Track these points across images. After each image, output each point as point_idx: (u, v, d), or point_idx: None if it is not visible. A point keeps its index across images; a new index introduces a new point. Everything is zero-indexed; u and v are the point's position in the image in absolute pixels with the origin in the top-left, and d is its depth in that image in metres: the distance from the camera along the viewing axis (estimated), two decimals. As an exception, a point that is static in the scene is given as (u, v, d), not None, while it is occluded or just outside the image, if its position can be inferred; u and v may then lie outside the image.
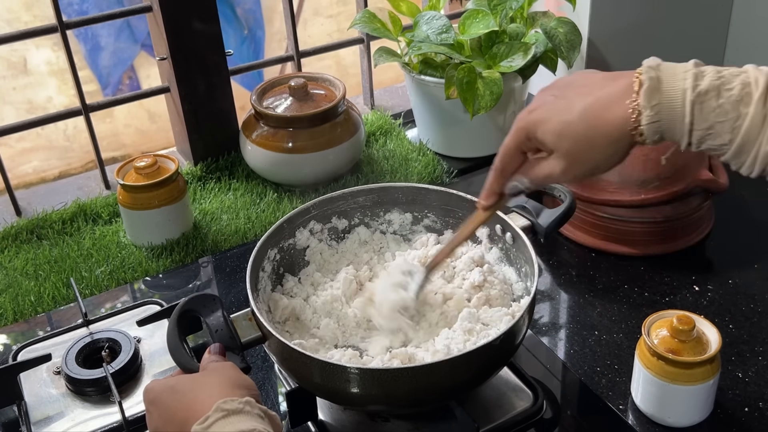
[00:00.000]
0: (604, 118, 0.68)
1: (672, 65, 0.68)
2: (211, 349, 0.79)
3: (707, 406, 0.89)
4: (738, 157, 0.66)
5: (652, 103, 0.66)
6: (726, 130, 0.65)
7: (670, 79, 0.66)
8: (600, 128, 0.68)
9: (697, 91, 0.65)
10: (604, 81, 0.70)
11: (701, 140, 0.66)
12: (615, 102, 0.68)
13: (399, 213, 1.05)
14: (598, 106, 0.68)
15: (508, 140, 0.75)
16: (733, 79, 0.65)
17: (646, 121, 0.66)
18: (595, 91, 0.70)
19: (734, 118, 0.64)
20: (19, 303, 1.11)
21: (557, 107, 0.71)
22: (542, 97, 0.74)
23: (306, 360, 0.80)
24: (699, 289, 1.09)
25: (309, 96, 1.31)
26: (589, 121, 0.68)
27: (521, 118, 0.74)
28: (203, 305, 0.84)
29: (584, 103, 0.69)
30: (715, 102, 0.65)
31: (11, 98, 2.53)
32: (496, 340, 0.80)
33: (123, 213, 1.21)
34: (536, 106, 0.73)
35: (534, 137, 0.73)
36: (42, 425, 0.92)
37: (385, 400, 0.82)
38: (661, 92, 0.66)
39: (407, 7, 1.36)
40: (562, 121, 0.70)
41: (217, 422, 0.64)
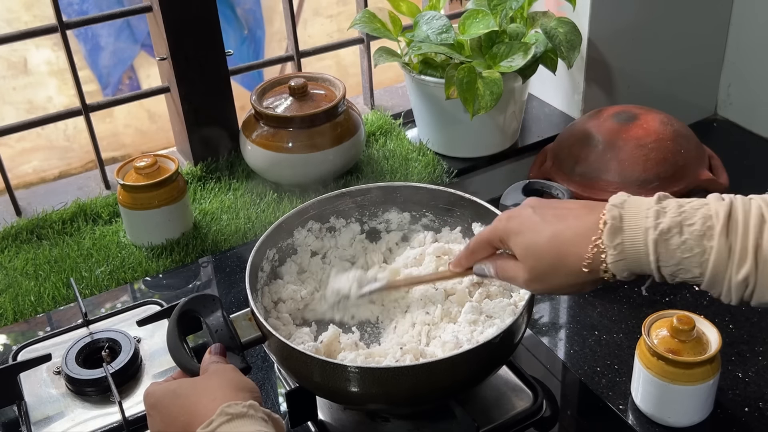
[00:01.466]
0: (569, 251, 0.70)
1: (637, 202, 0.69)
2: (211, 349, 0.79)
3: (707, 406, 0.89)
4: (713, 287, 0.67)
5: (615, 243, 0.68)
6: (694, 265, 0.66)
7: (632, 218, 0.68)
8: (564, 260, 0.71)
9: (659, 230, 0.66)
10: (579, 210, 0.73)
11: (674, 275, 0.67)
12: (581, 237, 0.70)
13: (397, 212, 1.05)
14: (566, 237, 0.71)
15: (485, 233, 0.80)
16: (695, 213, 0.66)
17: (611, 260, 0.68)
18: (568, 218, 0.72)
19: (700, 253, 0.65)
20: (19, 303, 1.11)
21: (531, 223, 0.74)
22: (523, 209, 0.77)
23: (305, 359, 0.80)
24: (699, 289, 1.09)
25: (309, 96, 1.31)
26: (554, 250, 0.71)
27: (501, 219, 0.78)
28: (203, 305, 0.84)
29: (555, 228, 0.72)
30: (678, 239, 0.66)
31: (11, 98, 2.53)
32: (496, 338, 0.80)
33: (123, 213, 1.21)
34: (515, 215, 0.76)
35: (506, 243, 0.76)
36: (42, 425, 0.92)
37: (384, 398, 0.82)
38: (623, 232, 0.68)
39: (407, 7, 1.36)
40: (532, 240, 0.73)
41: (221, 426, 0.64)
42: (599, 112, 1.26)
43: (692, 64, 1.51)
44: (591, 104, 1.46)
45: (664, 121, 1.19)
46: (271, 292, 0.97)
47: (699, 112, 1.58)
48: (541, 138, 1.46)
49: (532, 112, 1.53)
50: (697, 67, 1.52)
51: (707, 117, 1.58)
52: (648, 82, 1.49)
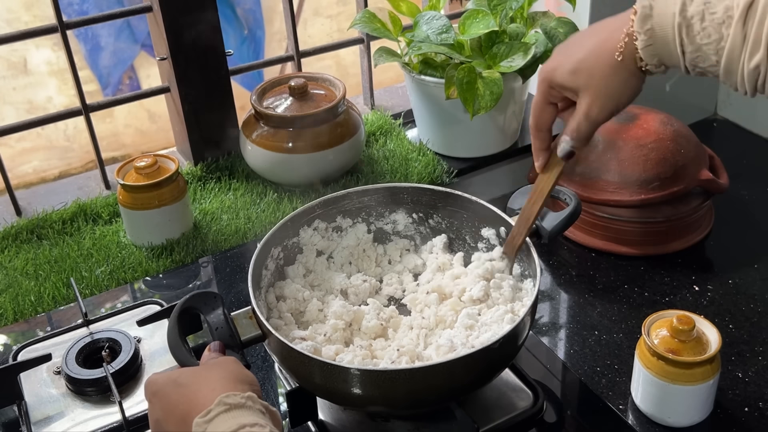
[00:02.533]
0: (607, 47, 0.74)
1: None
2: (211, 346, 0.80)
3: (707, 406, 0.89)
4: (728, 76, 0.69)
5: (645, 28, 0.71)
6: (711, 52, 0.69)
7: (661, 5, 0.71)
8: (606, 56, 0.74)
9: (683, 15, 0.69)
10: (605, 23, 0.77)
11: (694, 63, 0.70)
12: (615, 32, 0.74)
13: (404, 213, 1.05)
14: (602, 39, 0.75)
15: (536, 96, 0.82)
16: (719, 3, 0.68)
17: (642, 45, 0.72)
18: (599, 30, 0.76)
19: (717, 40, 0.68)
20: (19, 303, 1.11)
21: (569, 52, 0.78)
22: (557, 49, 0.82)
23: (305, 360, 0.80)
24: (699, 289, 1.09)
25: (309, 96, 1.31)
26: (596, 53, 0.75)
27: (541, 70, 0.81)
28: (204, 303, 0.84)
29: (591, 41, 0.76)
30: (699, 25, 0.68)
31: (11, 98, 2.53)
32: (495, 343, 0.79)
33: (123, 213, 1.21)
34: (552, 58, 0.81)
35: (555, 83, 0.79)
36: (42, 425, 0.92)
37: (382, 401, 0.82)
38: (652, 17, 0.71)
39: (407, 7, 1.36)
40: (574, 60, 0.77)
41: (219, 416, 0.65)
42: (599, 112, 1.26)
43: (692, 64, 1.51)
44: (591, 104, 1.46)
45: (664, 121, 1.19)
46: (274, 291, 0.96)
47: (699, 112, 1.57)
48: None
49: (532, 112, 1.53)
50: (697, 67, 1.52)
51: (707, 117, 1.58)
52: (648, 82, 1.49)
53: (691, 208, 1.16)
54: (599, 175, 1.16)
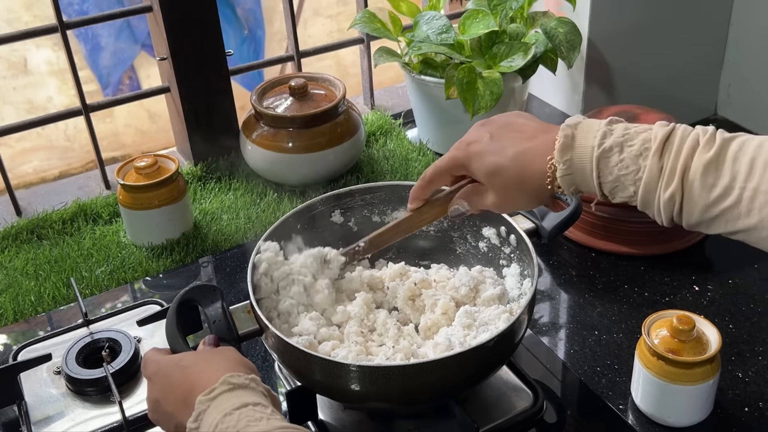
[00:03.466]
0: (529, 169, 0.75)
1: (589, 123, 0.73)
2: (206, 340, 0.81)
3: (707, 406, 0.89)
4: (645, 207, 0.71)
5: (564, 158, 0.72)
6: (629, 183, 0.70)
7: (582, 137, 0.72)
8: (526, 177, 0.75)
9: (602, 148, 0.71)
10: (535, 132, 0.77)
11: (612, 192, 0.72)
12: (539, 155, 0.74)
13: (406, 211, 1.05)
14: (526, 156, 0.75)
15: (443, 163, 0.82)
16: (637, 136, 0.70)
17: (560, 174, 0.73)
18: (526, 141, 0.76)
19: (635, 171, 0.70)
20: (20, 303, 1.11)
21: (492, 147, 0.77)
22: (479, 133, 0.80)
23: (300, 355, 0.80)
24: (699, 289, 1.09)
25: (309, 96, 1.31)
26: (518, 168, 0.76)
27: (459, 148, 0.80)
28: (203, 295, 0.85)
29: (515, 150, 0.76)
30: (617, 157, 0.70)
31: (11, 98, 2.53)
32: (489, 342, 0.79)
33: (123, 213, 1.21)
34: (473, 140, 0.79)
35: (468, 169, 0.80)
36: (42, 425, 0.92)
37: (377, 397, 0.82)
38: (573, 149, 0.72)
39: (407, 7, 1.36)
40: (495, 162, 0.77)
41: (222, 394, 0.66)
42: (599, 112, 1.26)
43: (692, 64, 1.51)
44: (591, 104, 1.46)
45: (664, 121, 1.19)
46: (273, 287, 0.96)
47: (699, 112, 1.58)
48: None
49: (532, 112, 1.53)
50: (697, 67, 1.52)
51: (707, 117, 1.58)
52: (648, 82, 1.49)
53: (691, 208, 1.16)
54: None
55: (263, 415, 0.64)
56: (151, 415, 0.75)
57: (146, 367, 0.77)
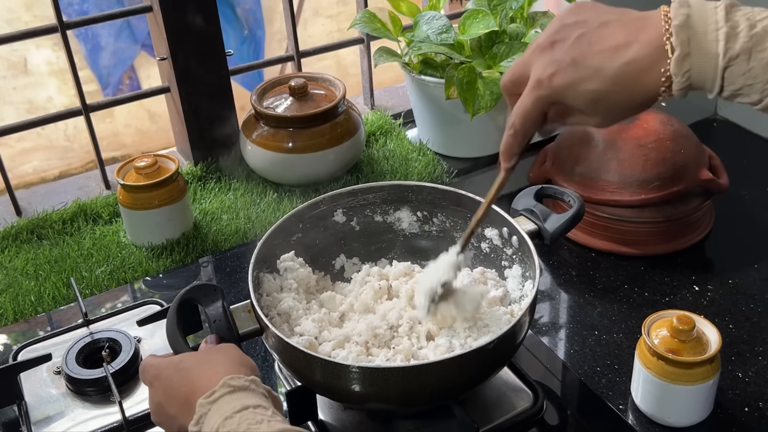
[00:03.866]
0: (639, 87, 0.65)
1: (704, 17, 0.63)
2: (207, 339, 0.81)
3: (707, 406, 0.89)
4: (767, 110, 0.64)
5: (683, 70, 0.64)
6: (756, 91, 0.63)
7: (701, 42, 0.63)
8: (637, 96, 0.66)
9: (728, 57, 0.62)
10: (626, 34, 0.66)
11: (732, 96, 0.64)
12: (648, 68, 0.65)
13: (408, 211, 1.05)
14: (632, 73, 0.65)
15: (530, 107, 0.71)
16: (766, 38, 0.62)
17: (677, 86, 0.64)
18: (623, 51, 0.65)
19: (764, 81, 0.62)
20: (20, 303, 1.11)
21: (583, 72, 0.66)
22: (555, 57, 0.68)
23: (300, 355, 0.80)
24: (699, 289, 1.09)
25: (309, 96, 1.31)
26: (625, 90, 0.66)
27: (541, 84, 0.69)
28: (204, 295, 0.85)
29: (615, 69, 0.65)
30: (745, 66, 0.62)
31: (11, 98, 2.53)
32: (490, 344, 0.79)
33: (123, 213, 1.21)
34: (554, 70, 0.68)
35: (562, 102, 0.69)
36: (42, 425, 0.92)
37: (377, 398, 0.82)
38: (691, 56, 0.63)
39: (407, 7, 1.36)
40: (596, 90, 0.66)
41: (223, 397, 0.66)
42: (599, 112, 1.26)
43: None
44: (591, 104, 1.46)
45: (664, 121, 1.19)
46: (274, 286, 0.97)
47: (699, 112, 1.57)
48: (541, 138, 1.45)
49: (532, 112, 1.53)
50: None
51: (707, 117, 1.58)
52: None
53: (691, 208, 1.16)
54: (599, 175, 1.16)
55: (264, 417, 0.64)
56: (154, 418, 0.75)
57: (146, 373, 0.76)
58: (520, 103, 0.71)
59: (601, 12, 0.68)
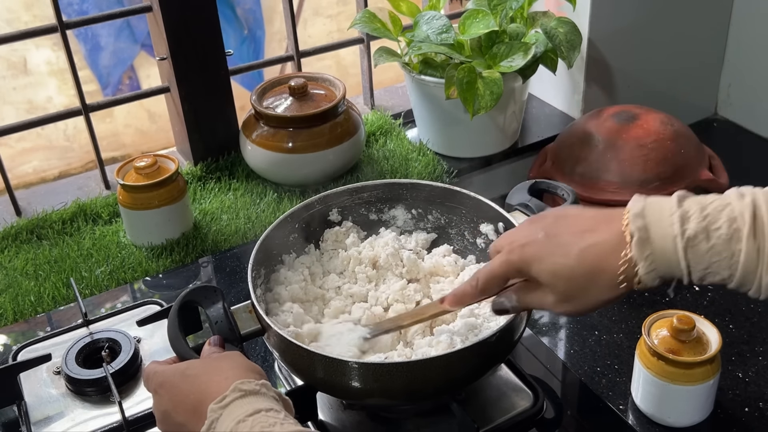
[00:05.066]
0: (601, 268, 0.69)
1: (658, 206, 0.67)
2: (210, 341, 0.80)
3: (707, 406, 0.89)
4: (742, 287, 0.66)
5: (645, 254, 0.67)
6: (723, 267, 0.65)
7: (657, 227, 0.66)
8: (598, 276, 0.69)
9: (686, 237, 0.65)
10: (594, 223, 0.71)
11: (702, 278, 0.67)
12: (609, 252, 0.68)
13: (403, 209, 1.05)
14: (595, 253, 0.69)
15: (497, 269, 0.75)
16: (719, 216, 0.65)
17: (643, 271, 0.67)
18: (588, 236, 0.70)
19: (729, 256, 0.65)
20: (19, 303, 1.11)
21: (551, 247, 0.71)
22: (531, 231, 0.74)
23: (303, 353, 0.80)
24: (699, 289, 1.09)
25: (309, 96, 1.31)
26: (586, 268, 0.69)
27: (512, 251, 0.73)
28: (204, 296, 0.85)
29: (579, 247, 0.69)
30: (706, 244, 0.65)
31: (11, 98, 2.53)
32: (492, 336, 0.80)
33: (123, 213, 1.21)
34: (527, 241, 0.73)
35: (527, 273, 0.73)
36: (42, 425, 0.92)
37: (380, 393, 0.82)
38: (651, 242, 0.66)
39: (407, 7, 1.36)
40: (559, 263, 0.70)
41: (234, 402, 0.66)
42: (599, 112, 1.26)
43: (692, 64, 1.51)
44: (591, 104, 1.46)
45: (664, 121, 1.19)
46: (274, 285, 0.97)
47: (699, 112, 1.58)
48: (541, 138, 1.45)
49: (532, 112, 1.53)
50: (697, 67, 1.52)
51: (707, 117, 1.58)
52: (648, 82, 1.49)
53: (691, 208, 1.16)
54: (599, 175, 1.16)
55: (276, 420, 0.64)
56: (160, 426, 0.74)
57: (150, 380, 0.76)
58: (490, 264, 0.76)
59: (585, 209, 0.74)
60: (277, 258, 0.99)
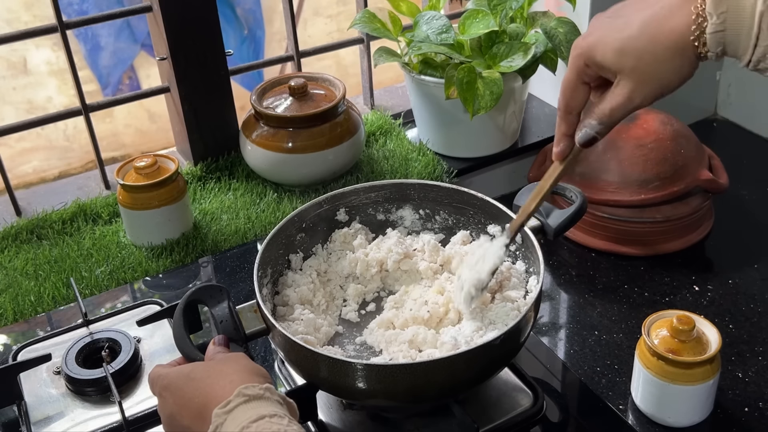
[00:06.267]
0: (666, 27, 0.64)
1: None
2: (215, 340, 0.80)
3: (707, 406, 0.89)
4: None
5: (720, 11, 0.61)
6: None
7: None
8: (663, 38, 0.64)
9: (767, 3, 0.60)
10: None
11: (761, 58, 0.62)
12: (677, 9, 0.63)
13: (411, 209, 1.05)
14: (659, 17, 0.64)
15: (568, 73, 0.71)
16: None
17: (711, 29, 0.62)
18: (654, 3, 0.65)
19: None
20: (19, 303, 1.11)
21: (614, 26, 0.67)
22: (596, 21, 0.69)
23: (308, 354, 0.80)
24: (699, 289, 1.09)
25: (309, 96, 1.31)
26: (650, 33, 0.64)
27: (577, 45, 0.70)
28: (210, 296, 0.85)
29: (643, 16, 0.65)
30: None
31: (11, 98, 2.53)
32: (496, 339, 0.80)
33: (123, 213, 1.21)
34: (590, 31, 0.69)
35: (593, 62, 0.68)
36: (42, 425, 0.92)
37: (385, 395, 0.82)
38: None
39: (407, 7, 1.36)
40: (622, 37, 0.65)
41: (239, 407, 0.66)
42: (599, 112, 1.26)
43: (692, 64, 1.51)
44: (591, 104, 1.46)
45: (664, 121, 1.19)
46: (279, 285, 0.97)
47: (699, 112, 1.58)
48: (541, 138, 1.46)
49: (532, 112, 1.53)
50: (697, 67, 1.52)
51: (707, 117, 1.58)
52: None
53: (691, 208, 1.16)
54: (599, 175, 1.16)
55: (281, 426, 0.64)
56: (166, 429, 0.74)
57: (155, 383, 0.75)
58: (564, 76, 0.71)
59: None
60: (284, 258, 0.99)
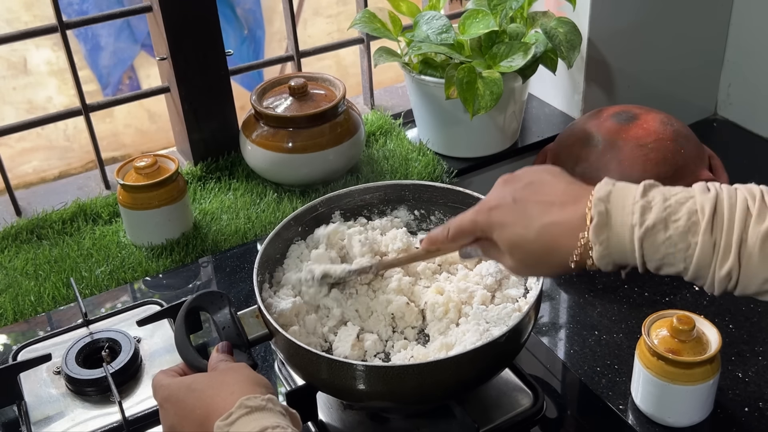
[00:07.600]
0: (556, 246, 0.70)
1: (623, 193, 0.68)
2: (219, 347, 0.80)
3: (707, 406, 0.89)
4: (696, 280, 0.67)
5: (600, 239, 0.68)
6: (679, 260, 0.66)
7: (618, 213, 0.67)
8: (552, 254, 0.71)
9: (645, 227, 0.66)
10: (562, 200, 0.71)
11: (658, 268, 0.68)
12: (568, 233, 0.70)
13: (406, 210, 1.05)
14: (553, 232, 0.71)
15: (466, 225, 0.78)
16: (680, 209, 0.66)
17: (597, 255, 0.68)
18: (553, 212, 0.71)
19: (684, 248, 0.66)
20: (19, 303, 1.11)
21: (515, 216, 0.73)
22: (502, 194, 0.75)
23: (312, 357, 0.80)
24: (699, 289, 1.09)
25: (309, 96, 1.31)
26: (543, 244, 0.71)
27: (481, 211, 0.76)
28: (210, 302, 0.85)
29: (541, 222, 0.71)
30: (663, 235, 0.66)
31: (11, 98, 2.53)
32: (501, 337, 0.80)
33: (123, 213, 1.21)
34: (495, 204, 0.75)
35: (489, 237, 0.76)
36: (42, 425, 0.92)
37: (389, 396, 0.82)
38: (609, 228, 0.67)
39: (407, 7, 1.36)
40: (518, 234, 0.72)
41: (240, 419, 0.65)
42: (599, 112, 1.26)
43: (692, 64, 1.51)
44: (591, 104, 1.46)
45: (664, 121, 1.19)
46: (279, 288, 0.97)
47: (699, 112, 1.58)
48: (541, 138, 1.46)
49: (532, 112, 1.53)
50: (697, 67, 1.52)
51: (707, 117, 1.58)
52: (648, 82, 1.49)
53: (691, 208, 1.16)
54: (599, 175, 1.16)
55: None
56: None
57: (157, 392, 0.75)
58: (463, 216, 0.79)
59: (562, 174, 0.75)
60: (281, 261, 0.99)
